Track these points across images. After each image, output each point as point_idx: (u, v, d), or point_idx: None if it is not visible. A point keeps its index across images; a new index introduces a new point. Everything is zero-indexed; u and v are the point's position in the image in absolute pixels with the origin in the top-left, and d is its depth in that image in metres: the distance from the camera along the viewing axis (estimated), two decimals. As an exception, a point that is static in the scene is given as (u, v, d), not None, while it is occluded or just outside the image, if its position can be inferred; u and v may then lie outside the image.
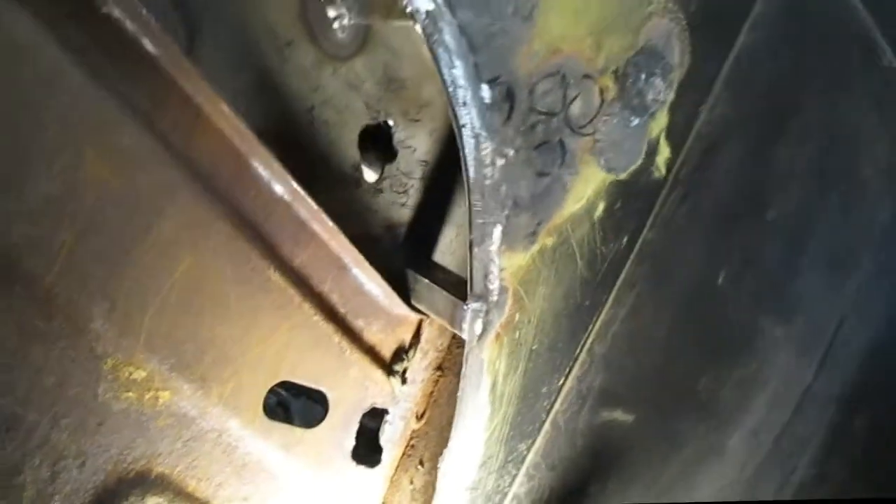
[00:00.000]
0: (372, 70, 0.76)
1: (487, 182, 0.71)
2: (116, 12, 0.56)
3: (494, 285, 0.74)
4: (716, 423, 0.99)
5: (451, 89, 0.66)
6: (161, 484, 0.67)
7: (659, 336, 0.89)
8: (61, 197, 0.58)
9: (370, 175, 0.81)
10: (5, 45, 0.54)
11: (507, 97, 0.69)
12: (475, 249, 0.71)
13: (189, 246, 0.63)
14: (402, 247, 0.83)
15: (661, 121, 0.81)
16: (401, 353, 0.83)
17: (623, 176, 0.80)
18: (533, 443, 0.82)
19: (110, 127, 0.58)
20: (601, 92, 0.75)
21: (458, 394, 0.76)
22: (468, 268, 0.73)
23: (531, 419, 0.82)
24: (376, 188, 0.80)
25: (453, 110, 0.67)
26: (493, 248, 0.72)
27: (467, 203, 0.71)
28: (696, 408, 0.96)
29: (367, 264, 0.75)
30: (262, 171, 0.67)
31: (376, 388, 0.81)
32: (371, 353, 0.81)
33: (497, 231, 0.72)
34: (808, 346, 1.07)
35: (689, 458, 0.97)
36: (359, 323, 0.79)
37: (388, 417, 0.85)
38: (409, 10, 0.63)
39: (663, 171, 0.83)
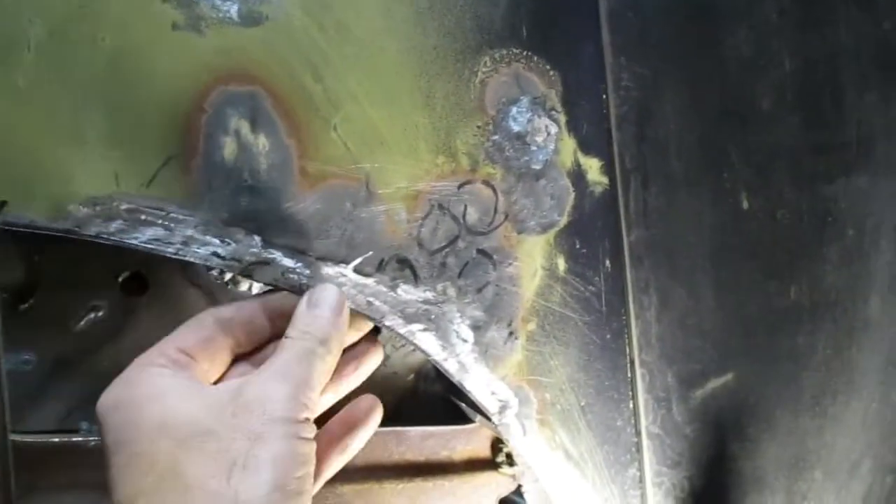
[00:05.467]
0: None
1: (437, 333, 0.75)
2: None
3: (507, 394, 0.79)
4: (836, 327, 0.92)
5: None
6: None
7: (707, 299, 0.86)
8: None
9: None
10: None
11: (402, 265, 0.72)
12: (464, 384, 0.77)
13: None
14: (437, 377, 0.90)
15: (567, 147, 0.78)
16: (497, 445, 0.91)
17: (563, 220, 0.78)
18: (640, 462, 0.87)
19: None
20: (487, 183, 0.75)
21: (539, 475, 0.83)
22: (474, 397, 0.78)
23: (624, 449, 0.86)
24: (384, 359, 0.88)
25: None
26: (480, 373, 0.77)
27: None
28: (802, 320, 0.91)
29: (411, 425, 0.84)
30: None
31: (492, 485, 0.91)
32: (471, 465, 0.91)
33: (471, 360, 0.76)
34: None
35: (821, 376, 0.92)
36: (444, 454, 0.89)
37: (524, 490, 0.94)
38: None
39: (604, 179, 0.80)
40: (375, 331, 0.81)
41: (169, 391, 0.54)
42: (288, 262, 0.69)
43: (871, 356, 1.00)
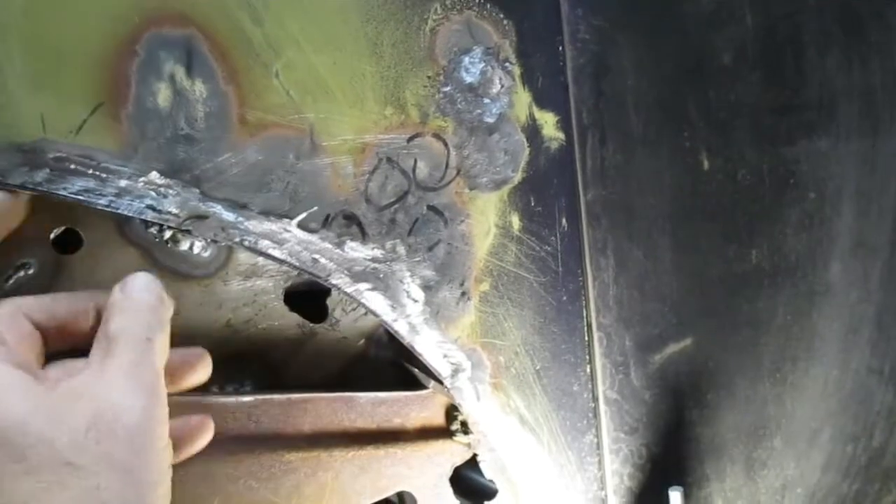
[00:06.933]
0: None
1: (387, 293, 0.74)
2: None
3: (459, 356, 0.79)
4: (796, 292, 0.93)
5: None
6: None
7: (666, 261, 0.86)
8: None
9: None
10: None
11: (349, 221, 0.72)
12: (415, 346, 0.76)
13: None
14: (389, 342, 0.89)
15: (522, 100, 0.78)
16: (451, 412, 0.91)
17: (518, 177, 0.78)
18: (597, 428, 0.87)
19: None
20: (438, 137, 0.74)
21: (494, 442, 0.83)
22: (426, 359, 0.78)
23: (581, 415, 0.87)
24: (333, 322, 0.87)
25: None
26: (431, 335, 0.76)
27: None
28: (762, 284, 0.92)
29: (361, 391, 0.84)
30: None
31: (447, 453, 0.91)
32: (424, 433, 0.90)
33: (422, 321, 0.76)
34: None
35: (781, 342, 0.93)
36: (396, 422, 0.89)
37: (479, 459, 0.93)
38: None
39: (560, 134, 0.80)
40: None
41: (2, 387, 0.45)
42: (228, 216, 0.68)
43: (830, 322, 1.01)
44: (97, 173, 0.64)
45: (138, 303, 0.52)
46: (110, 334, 0.50)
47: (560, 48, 0.78)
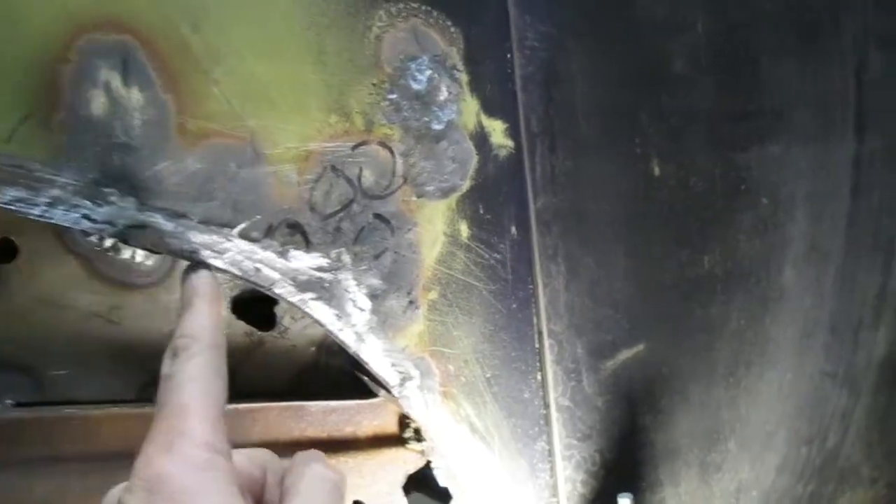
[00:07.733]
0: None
1: (332, 302, 0.75)
2: None
3: (407, 365, 0.80)
4: (750, 297, 0.95)
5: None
6: None
7: (617, 267, 0.88)
8: None
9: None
10: None
11: (293, 230, 0.72)
12: (361, 355, 0.77)
13: None
14: (340, 350, 0.90)
15: (470, 107, 0.78)
16: (404, 420, 0.92)
17: (466, 185, 0.79)
18: (549, 435, 0.89)
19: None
20: (384, 145, 0.74)
21: (445, 451, 0.84)
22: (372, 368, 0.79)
23: (532, 422, 0.88)
24: (282, 330, 0.88)
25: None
26: (378, 344, 0.77)
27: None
28: (715, 290, 0.94)
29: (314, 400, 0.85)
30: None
31: (399, 461, 0.92)
32: (377, 441, 0.91)
33: (368, 330, 0.77)
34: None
35: (734, 347, 0.96)
36: (348, 430, 0.89)
37: (433, 466, 0.94)
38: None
39: (509, 142, 0.81)
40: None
41: None
42: (167, 226, 0.68)
43: (785, 327, 1.04)
44: (29, 182, 0.63)
45: (321, 472, 0.56)
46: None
47: (509, 55, 0.79)
